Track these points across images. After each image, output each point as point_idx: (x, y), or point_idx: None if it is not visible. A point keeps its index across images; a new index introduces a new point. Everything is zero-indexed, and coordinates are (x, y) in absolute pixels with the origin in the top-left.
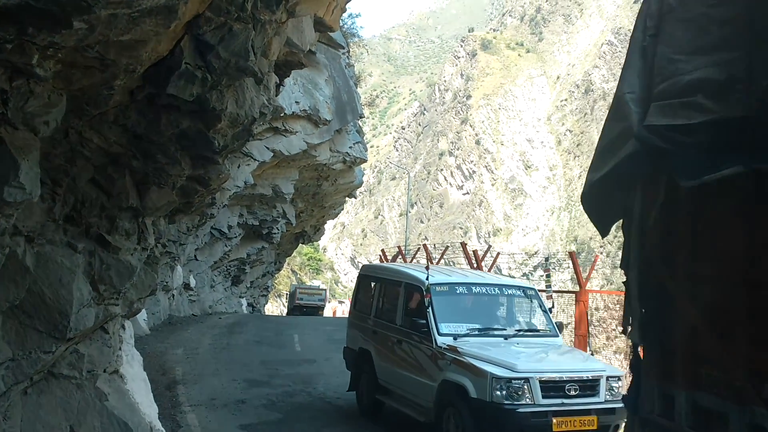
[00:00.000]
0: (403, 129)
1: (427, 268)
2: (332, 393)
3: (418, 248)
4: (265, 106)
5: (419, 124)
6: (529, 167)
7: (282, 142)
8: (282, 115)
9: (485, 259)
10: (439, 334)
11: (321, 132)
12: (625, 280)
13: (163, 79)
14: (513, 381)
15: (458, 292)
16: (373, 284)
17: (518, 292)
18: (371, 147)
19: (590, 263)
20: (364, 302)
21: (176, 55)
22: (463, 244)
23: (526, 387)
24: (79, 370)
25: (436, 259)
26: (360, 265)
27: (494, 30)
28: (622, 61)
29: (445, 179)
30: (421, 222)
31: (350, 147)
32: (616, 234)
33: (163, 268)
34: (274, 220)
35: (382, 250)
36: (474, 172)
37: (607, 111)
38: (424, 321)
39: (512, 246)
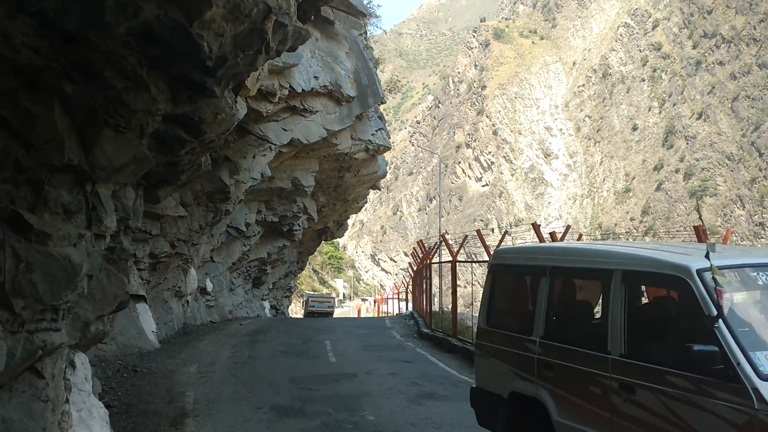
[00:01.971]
0: (418, 123)
1: (703, 238)
2: (389, 425)
3: (440, 242)
4: None
5: (434, 118)
6: (548, 155)
7: (300, 126)
8: (300, 91)
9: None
10: (762, 377)
11: (342, 116)
12: None
13: None
14: None
15: None
16: (529, 280)
17: None
18: None
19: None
20: (509, 312)
21: None
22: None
23: None
24: None
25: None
26: (409, 257)
27: (506, 19)
28: (640, 42)
29: (464, 172)
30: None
31: (372, 134)
32: (642, 219)
33: (174, 271)
34: (294, 216)
35: (420, 242)
36: (492, 163)
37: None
38: (712, 348)
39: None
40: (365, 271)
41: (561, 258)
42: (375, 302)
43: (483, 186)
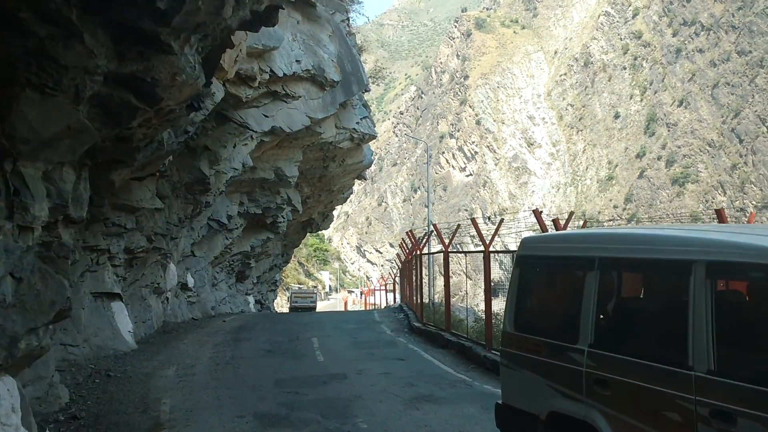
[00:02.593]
0: (402, 114)
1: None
2: None
3: (430, 232)
4: None
5: (417, 108)
6: (531, 144)
7: (282, 113)
8: (282, 76)
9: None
10: None
11: (326, 103)
12: None
13: None
14: None
15: None
16: (570, 275)
17: None
18: None
19: None
20: (545, 313)
21: None
22: (473, 220)
23: None
24: None
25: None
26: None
27: (488, 9)
28: (621, 31)
29: (447, 162)
30: (425, 207)
31: (357, 122)
32: (625, 207)
33: (152, 267)
34: (278, 208)
35: (410, 231)
36: (476, 152)
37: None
38: None
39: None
40: (351, 263)
41: (615, 247)
42: (362, 294)
43: (467, 176)
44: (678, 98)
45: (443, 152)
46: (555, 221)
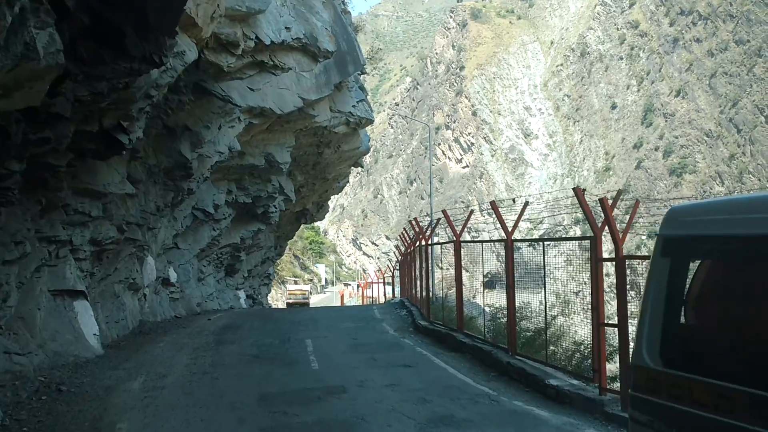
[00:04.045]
0: (397, 105)
1: None
2: None
3: (438, 219)
4: None
5: (413, 99)
6: (528, 135)
7: (272, 93)
8: (269, 44)
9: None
10: None
11: (319, 83)
12: None
13: None
14: None
15: None
16: None
17: None
18: None
19: None
20: (735, 340)
21: None
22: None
23: None
24: None
25: (459, 228)
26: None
27: None
28: (618, 21)
29: (443, 153)
30: (422, 198)
31: (353, 106)
32: (622, 198)
33: (127, 260)
34: (269, 197)
35: (415, 219)
36: (472, 144)
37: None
38: None
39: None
40: (347, 256)
41: None
42: (359, 287)
43: (463, 167)
44: (675, 88)
45: (439, 143)
46: (602, 201)
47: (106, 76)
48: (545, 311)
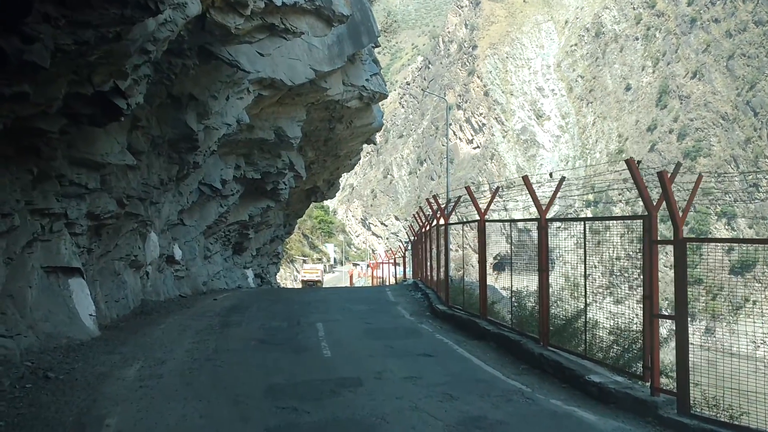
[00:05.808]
0: (408, 85)
1: None
2: None
3: (459, 197)
4: None
5: (424, 79)
6: (540, 117)
7: (283, 64)
8: (281, 5)
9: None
10: None
11: (332, 55)
12: None
13: None
14: None
15: None
16: None
17: None
18: None
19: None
20: None
21: None
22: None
23: None
24: None
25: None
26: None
27: None
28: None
29: (454, 134)
30: (432, 179)
31: (367, 79)
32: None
33: (128, 236)
34: (279, 173)
35: (434, 197)
36: (484, 124)
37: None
38: None
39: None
40: (356, 236)
41: None
42: (368, 267)
43: (474, 148)
44: (692, 70)
45: (450, 124)
46: (661, 174)
47: (93, 22)
48: (585, 298)
